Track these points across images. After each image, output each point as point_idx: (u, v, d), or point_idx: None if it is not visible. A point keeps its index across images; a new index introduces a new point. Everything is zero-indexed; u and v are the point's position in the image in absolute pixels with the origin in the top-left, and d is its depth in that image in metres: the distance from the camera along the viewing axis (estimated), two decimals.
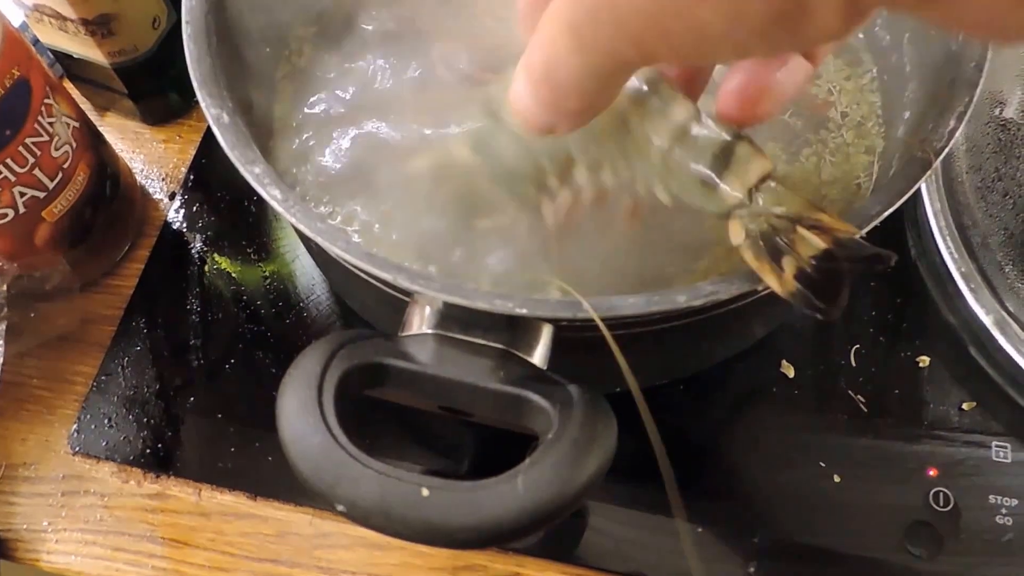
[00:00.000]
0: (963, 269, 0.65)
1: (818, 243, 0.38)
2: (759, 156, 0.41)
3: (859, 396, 0.64)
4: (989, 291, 0.64)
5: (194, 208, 0.73)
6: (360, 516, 0.38)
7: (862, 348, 0.66)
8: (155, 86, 0.74)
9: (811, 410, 0.64)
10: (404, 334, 0.44)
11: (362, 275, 0.44)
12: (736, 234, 0.42)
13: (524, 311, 0.40)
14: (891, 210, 0.42)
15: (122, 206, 0.69)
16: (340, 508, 0.38)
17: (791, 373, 0.65)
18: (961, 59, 0.47)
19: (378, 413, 0.62)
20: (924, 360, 0.65)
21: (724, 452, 0.63)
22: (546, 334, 0.44)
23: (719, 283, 0.41)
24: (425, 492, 0.38)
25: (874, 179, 0.57)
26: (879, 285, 0.68)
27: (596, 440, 0.39)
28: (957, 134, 0.44)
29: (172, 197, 0.73)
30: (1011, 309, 0.63)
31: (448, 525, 0.38)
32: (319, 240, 0.42)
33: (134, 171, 0.74)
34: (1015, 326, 0.63)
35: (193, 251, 0.70)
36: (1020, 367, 0.62)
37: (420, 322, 0.44)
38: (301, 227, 0.43)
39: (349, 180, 0.56)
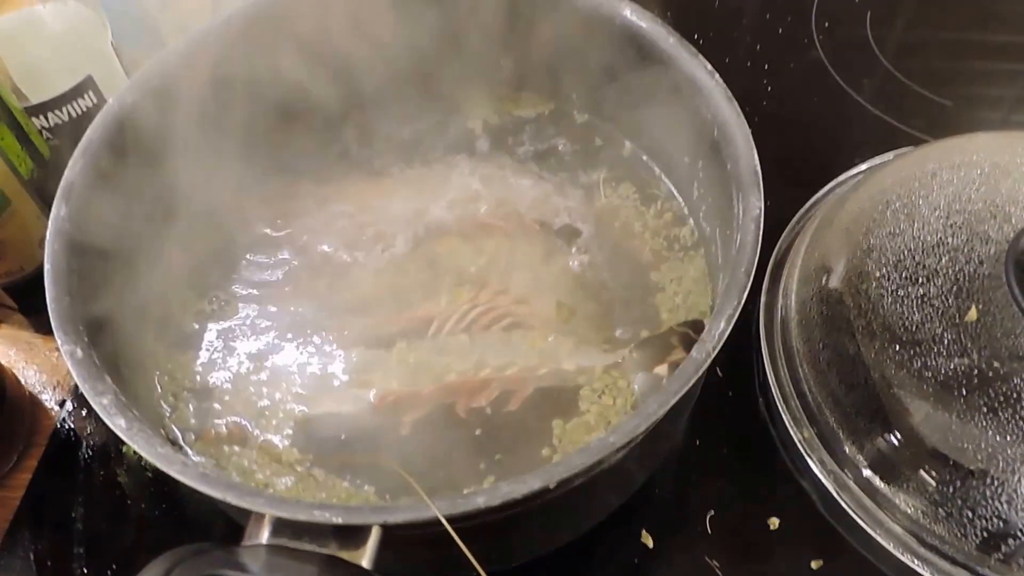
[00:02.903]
0: (804, 435, 0.69)
1: None
2: None
3: (714, 561, 0.67)
4: (829, 455, 0.68)
5: (83, 414, 0.76)
6: None
7: (717, 514, 0.69)
8: (44, 300, 0.77)
9: None
10: (243, 544, 0.47)
11: None
12: None
13: (339, 520, 0.44)
14: (667, 408, 0.47)
15: (10, 419, 0.72)
16: None
17: (651, 543, 0.68)
18: (737, 262, 0.53)
19: None
20: (774, 522, 0.68)
21: None
22: (374, 536, 0.47)
23: (514, 483, 0.45)
24: None
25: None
26: (733, 448, 0.72)
27: None
28: (726, 335, 0.49)
29: (62, 404, 0.77)
30: (848, 472, 0.66)
31: None
32: (159, 465, 0.46)
33: (27, 380, 0.77)
34: (854, 488, 0.66)
35: (81, 457, 0.73)
36: (861, 527, 0.65)
37: (258, 531, 0.47)
38: (143, 454, 0.47)
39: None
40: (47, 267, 0.54)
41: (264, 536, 0.47)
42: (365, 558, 0.47)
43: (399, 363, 0.65)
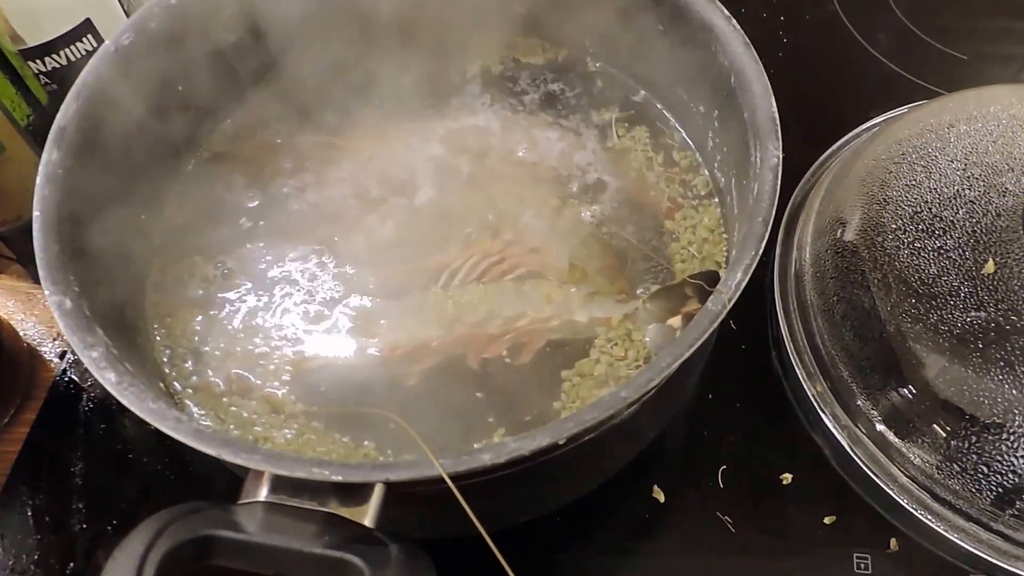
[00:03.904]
0: (818, 389, 0.68)
1: None
2: None
3: (726, 517, 0.66)
4: (842, 409, 0.67)
5: (83, 366, 0.74)
6: None
7: (729, 468, 0.68)
8: None
9: (682, 533, 0.66)
10: (239, 502, 0.46)
11: None
12: None
13: (339, 477, 0.43)
14: (680, 362, 0.46)
15: (8, 370, 0.71)
16: None
17: (662, 498, 0.67)
18: (754, 211, 0.51)
19: None
20: (787, 477, 0.68)
21: None
22: (377, 493, 0.46)
23: (523, 439, 0.44)
24: None
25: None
26: (746, 403, 0.71)
27: None
28: (743, 285, 0.47)
29: (62, 356, 0.75)
30: (861, 427, 0.66)
31: None
32: (151, 421, 0.45)
33: (26, 332, 0.76)
34: (867, 442, 0.66)
35: (81, 411, 0.72)
36: (874, 481, 0.65)
37: (255, 489, 0.46)
38: (133, 409, 0.45)
39: None
40: (36, 214, 0.53)
41: (262, 493, 0.46)
42: (367, 516, 0.45)
43: (407, 314, 0.64)
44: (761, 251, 0.49)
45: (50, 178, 0.54)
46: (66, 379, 0.74)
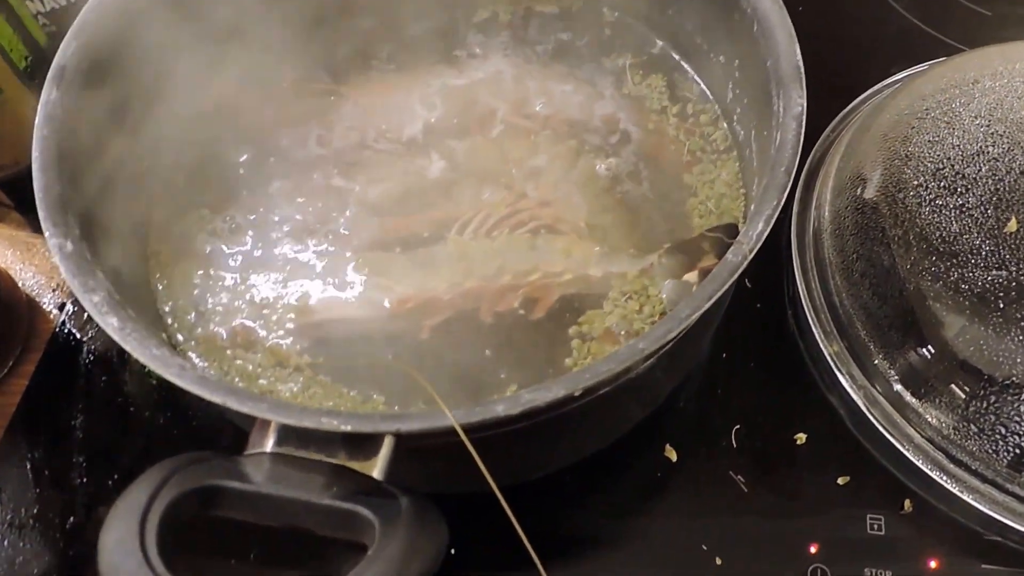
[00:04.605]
0: (835, 348, 0.67)
1: None
2: None
3: (739, 476, 0.65)
4: (858, 369, 0.66)
5: (84, 318, 0.73)
6: None
7: (743, 428, 0.67)
8: None
9: (694, 493, 0.65)
10: (245, 453, 0.44)
11: None
12: None
13: (348, 428, 0.42)
14: (699, 314, 0.44)
15: (5, 321, 0.69)
16: None
17: (674, 457, 0.66)
18: (776, 161, 0.49)
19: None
20: (801, 437, 0.67)
21: (609, 541, 0.64)
22: (387, 445, 0.45)
23: (537, 390, 0.42)
24: None
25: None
26: (760, 362, 0.70)
27: (417, 555, 0.40)
28: (763, 237, 0.46)
29: (62, 308, 0.74)
30: (877, 387, 0.65)
31: None
32: (153, 368, 0.43)
33: (24, 282, 0.74)
34: (883, 402, 0.64)
35: (82, 363, 0.71)
36: (889, 442, 0.64)
37: (261, 440, 0.45)
38: (136, 355, 0.44)
39: None
40: (35, 154, 0.51)
41: (268, 444, 0.45)
42: (376, 468, 0.44)
43: (416, 267, 0.62)
44: (783, 202, 0.48)
45: (49, 118, 0.53)
46: (66, 331, 0.73)
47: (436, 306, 0.61)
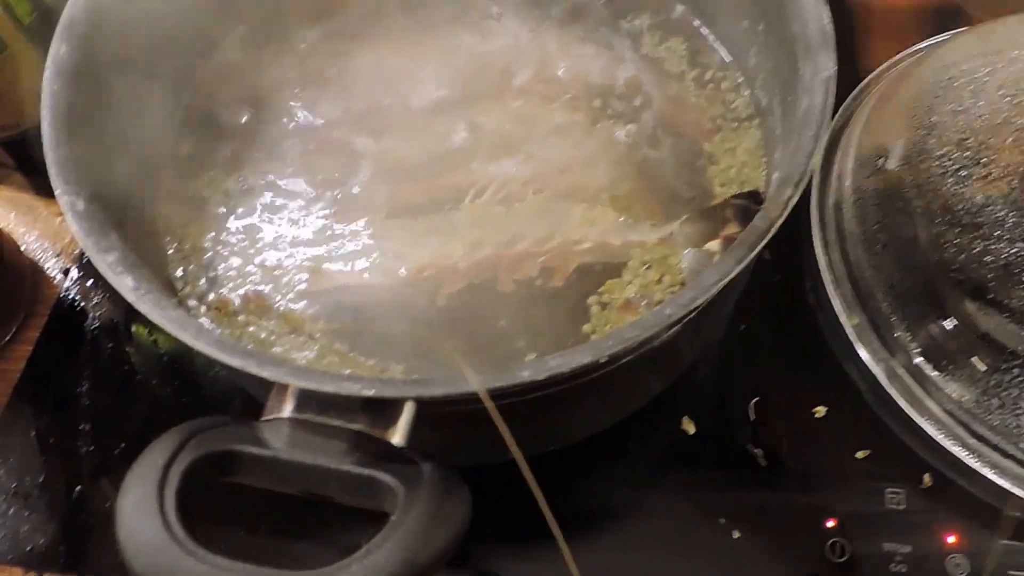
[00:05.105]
0: (855, 320, 0.66)
1: None
2: None
3: (757, 449, 0.64)
4: (879, 341, 0.65)
5: (89, 284, 0.72)
6: None
7: (761, 400, 0.66)
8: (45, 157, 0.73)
9: (712, 466, 0.64)
10: (263, 419, 0.43)
11: None
12: None
13: (372, 392, 0.40)
14: (728, 279, 0.43)
15: (9, 285, 0.68)
16: None
17: (692, 429, 0.65)
18: (803, 126, 0.48)
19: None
20: (820, 410, 0.66)
21: (626, 513, 0.63)
22: (407, 411, 0.43)
23: (563, 356, 0.41)
24: None
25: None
26: (779, 335, 0.69)
27: (442, 522, 0.39)
28: (793, 202, 0.45)
29: (66, 273, 0.72)
30: (898, 360, 0.64)
31: None
32: (169, 329, 0.42)
33: (27, 247, 0.73)
34: (903, 375, 0.64)
35: (86, 329, 0.69)
36: (909, 416, 0.63)
37: (279, 405, 0.43)
38: (152, 317, 0.42)
39: None
40: (44, 111, 0.49)
41: (287, 410, 0.43)
42: (397, 435, 0.43)
43: (432, 233, 0.61)
44: (812, 167, 0.47)
45: (59, 72, 0.51)
46: (71, 296, 0.71)
47: (453, 274, 0.59)
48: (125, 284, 0.43)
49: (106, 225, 0.46)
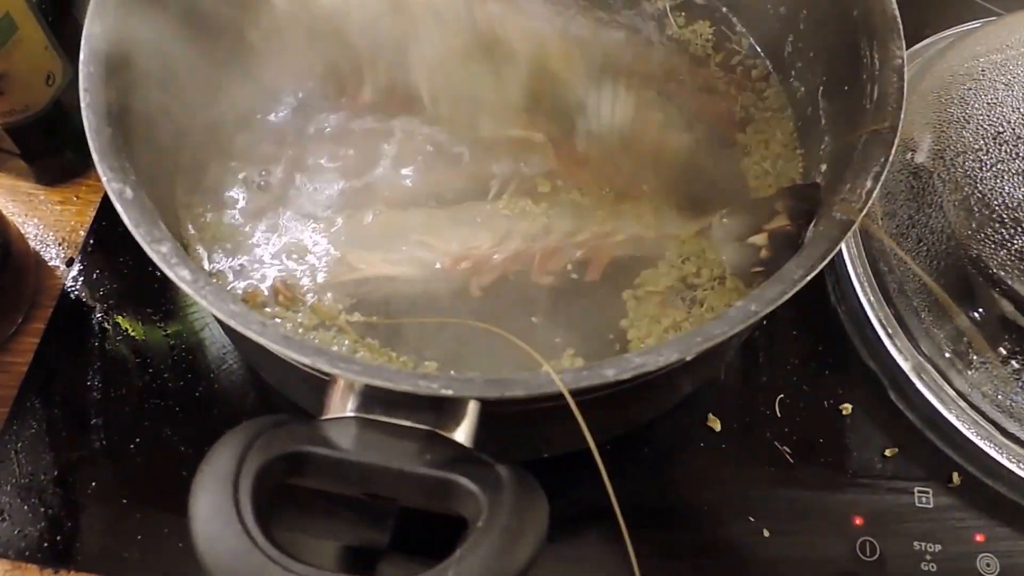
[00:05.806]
0: (881, 315, 0.65)
1: None
2: None
3: (784, 447, 0.64)
4: (906, 337, 0.65)
5: (94, 275, 0.69)
6: None
7: (786, 398, 0.65)
8: (50, 145, 0.70)
9: (738, 463, 0.63)
10: (325, 417, 0.41)
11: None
12: None
13: (450, 392, 0.39)
14: (814, 273, 0.42)
15: (14, 277, 0.65)
16: None
17: (718, 427, 0.64)
18: (875, 117, 0.47)
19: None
20: (847, 408, 0.65)
21: (653, 512, 0.62)
22: (472, 411, 0.42)
23: (646, 354, 0.40)
24: None
25: None
26: (802, 332, 0.68)
27: (528, 527, 0.38)
28: (875, 194, 0.44)
29: (70, 263, 0.69)
30: (928, 354, 0.64)
31: None
32: (233, 324, 0.40)
33: (28, 236, 0.70)
34: (932, 371, 0.63)
35: (94, 322, 0.67)
36: (938, 412, 0.63)
37: (342, 403, 0.41)
38: (214, 311, 0.40)
39: None
40: (83, 92, 0.46)
41: (351, 408, 0.41)
42: (463, 435, 0.41)
43: (457, 224, 0.59)
44: (891, 158, 0.46)
45: (94, 54, 0.48)
46: (76, 287, 0.68)
47: (485, 267, 0.58)
48: (183, 277, 0.41)
49: (155, 214, 0.43)
